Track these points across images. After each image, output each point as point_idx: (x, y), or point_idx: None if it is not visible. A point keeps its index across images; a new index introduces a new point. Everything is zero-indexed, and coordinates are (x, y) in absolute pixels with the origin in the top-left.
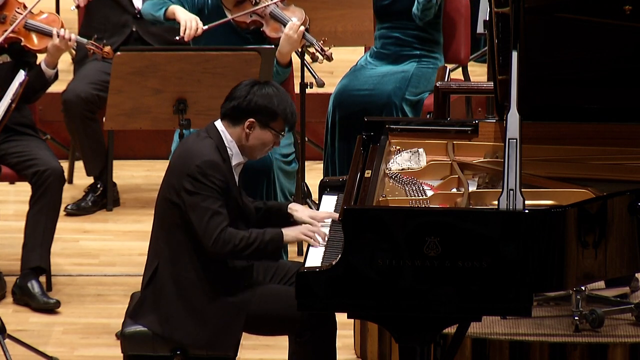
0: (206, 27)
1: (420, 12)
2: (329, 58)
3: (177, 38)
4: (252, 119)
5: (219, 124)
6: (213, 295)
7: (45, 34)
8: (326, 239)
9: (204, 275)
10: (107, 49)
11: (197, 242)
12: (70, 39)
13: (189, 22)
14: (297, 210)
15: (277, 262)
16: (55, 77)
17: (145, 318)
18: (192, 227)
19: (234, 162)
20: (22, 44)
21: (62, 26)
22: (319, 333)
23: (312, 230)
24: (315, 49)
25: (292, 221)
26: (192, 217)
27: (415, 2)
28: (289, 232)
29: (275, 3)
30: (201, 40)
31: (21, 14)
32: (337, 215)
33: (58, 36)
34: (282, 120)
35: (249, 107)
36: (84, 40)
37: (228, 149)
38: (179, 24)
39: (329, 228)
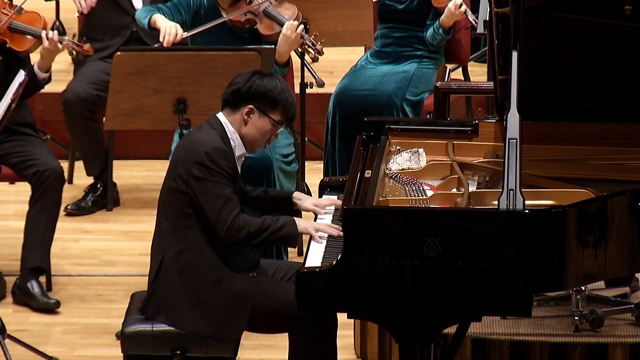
0: (186, 34)
1: (437, 43)
2: (320, 52)
3: (157, 45)
4: (251, 106)
5: (221, 116)
6: (219, 284)
7: (29, 35)
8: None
9: (210, 263)
10: (87, 46)
11: (203, 230)
12: (60, 41)
13: (168, 29)
14: (301, 199)
15: (277, 261)
16: (49, 79)
17: (154, 311)
18: (200, 214)
19: (237, 154)
20: (7, 45)
21: (45, 26)
22: (319, 330)
23: (323, 229)
24: (306, 44)
25: (295, 210)
26: (204, 204)
27: (432, 32)
28: (301, 223)
29: (269, 1)
30: (199, 41)
31: (7, 14)
32: (339, 202)
33: (47, 39)
34: (281, 110)
35: (249, 92)
36: (64, 38)
37: (231, 140)
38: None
39: (331, 216)
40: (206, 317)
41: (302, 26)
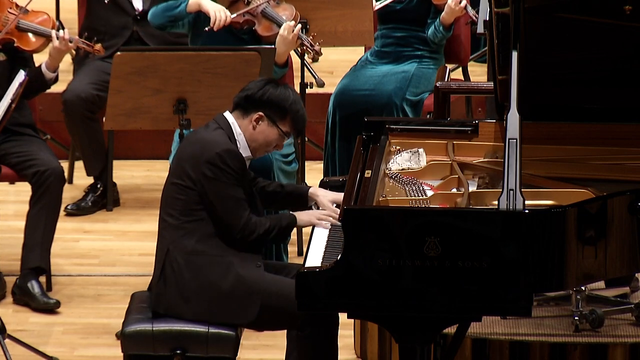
0: (234, 15)
1: (438, 40)
2: (318, 53)
3: (207, 29)
4: (261, 113)
5: (228, 115)
6: (227, 270)
7: (38, 35)
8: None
9: (216, 251)
10: (98, 46)
11: (208, 221)
12: (71, 40)
13: (218, 13)
14: (319, 195)
15: (278, 262)
16: (56, 79)
17: (168, 307)
18: (207, 210)
19: (242, 154)
20: (15, 44)
21: (54, 26)
22: (320, 328)
23: (324, 216)
24: (305, 45)
25: (311, 206)
26: (217, 205)
27: (433, 29)
28: (302, 217)
29: (267, 2)
30: (199, 41)
31: (14, 14)
32: None
33: (57, 38)
34: (290, 122)
35: (261, 99)
36: (74, 38)
37: (237, 142)
38: (202, 15)
39: None
40: (219, 301)
41: (299, 27)
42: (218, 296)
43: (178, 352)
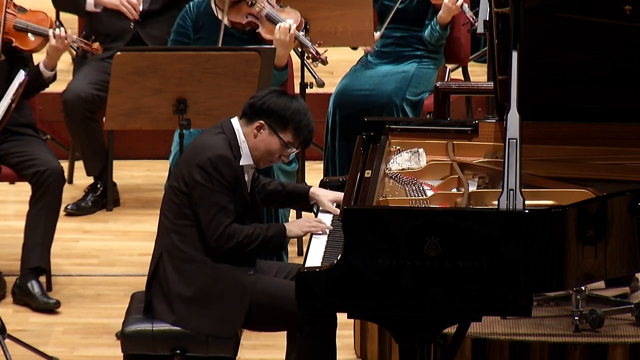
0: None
1: (435, 41)
2: (324, 62)
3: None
4: (262, 121)
5: (235, 121)
6: (217, 279)
7: (36, 34)
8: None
9: (207, 260)
10: (96, 45)
11: (201, 228)
12: (67, 38)
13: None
14: (319, 194)
15: (278, 262)
16: (54, 78)
17: (157, 311)
18: (197, 215)
19: (243, 162)
20: (13, 44)
21: (52, 25)
22: (319, 328)
23: (313, 225)
24: (311, 53)
25: (312, 204)
26: (199, 209)
27: (430, 29)
28: (292, 228)
29: (270, 4)
30: (199, 41)
31: (11, 14)
32: None
33: (54, 37)
34: (292, 132)
35: (262, 107)
36: (71, 36)
37: (240, 149)
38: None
39: (331, 216)
40: (205, 312)
41: (294, 27)
42: (203, 307)
43: (178, 352)
